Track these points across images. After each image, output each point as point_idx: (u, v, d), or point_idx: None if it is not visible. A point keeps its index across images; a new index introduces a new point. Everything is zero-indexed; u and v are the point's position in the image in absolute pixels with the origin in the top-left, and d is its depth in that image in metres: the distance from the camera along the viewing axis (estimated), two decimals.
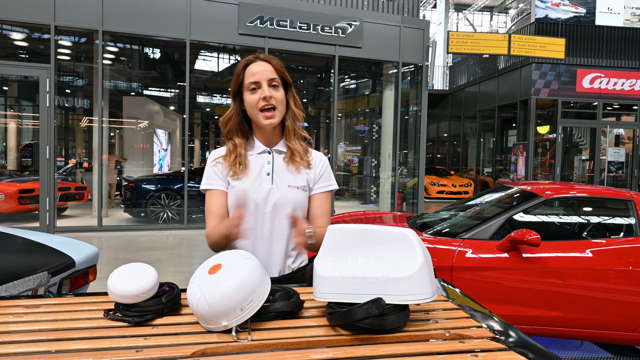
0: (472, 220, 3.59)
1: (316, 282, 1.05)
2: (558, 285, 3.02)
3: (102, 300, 1.18)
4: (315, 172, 1.53)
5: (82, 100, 11.03)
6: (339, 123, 13.34)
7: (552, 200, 3.46)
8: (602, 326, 3.03)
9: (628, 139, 13.62)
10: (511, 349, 0.90)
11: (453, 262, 3.06)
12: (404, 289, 0.96)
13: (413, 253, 0.99)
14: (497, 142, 15.25)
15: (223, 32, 8.05)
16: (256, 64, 1.44)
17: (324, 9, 8.67)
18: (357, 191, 12.80)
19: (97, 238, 6.94)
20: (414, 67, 9.73)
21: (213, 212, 1.47)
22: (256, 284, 0.99)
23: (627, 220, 3.33)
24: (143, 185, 8.44)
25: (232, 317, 0.95)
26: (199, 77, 12.16)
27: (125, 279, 1.05)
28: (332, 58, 8.84)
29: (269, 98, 1.41)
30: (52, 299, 1.19)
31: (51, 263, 2.30)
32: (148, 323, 1.02)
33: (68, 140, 14.63)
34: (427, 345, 0.91)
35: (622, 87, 12.38)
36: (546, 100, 12.49)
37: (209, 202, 1.48)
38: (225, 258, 1.04)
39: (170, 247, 6.69)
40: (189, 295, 1.00)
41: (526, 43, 10.70)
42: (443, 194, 13.97)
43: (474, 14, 27.86)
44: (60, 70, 9.51)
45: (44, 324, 1.01)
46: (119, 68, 10.53)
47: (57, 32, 7.32)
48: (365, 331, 0.95)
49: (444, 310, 1.13)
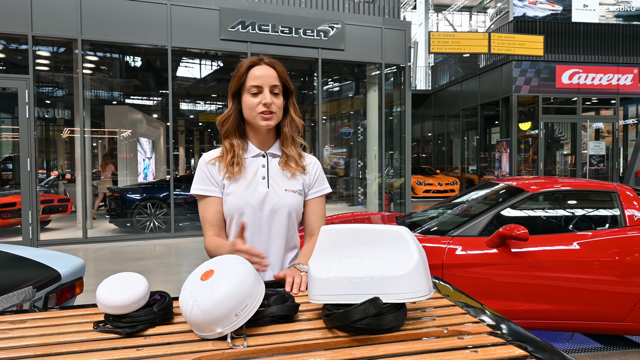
0: (460, 217, 3.61)
1: (311, 284, 1.04)
2: (547, 278, 3.05)
3: (91, 312, 1.15)
4: (310, 176, 1.53)
5: (63, 110, 10.85)
6: (324, 126, 13.34)
7: (538, 195, 3.50)
8: (591, 317, 3.07)
9: (607, 133, 13.91)
10: (510, 342, 0.90)
11: (443, 259, 3.07)
12: (401, 288, 0.95)
13: (408, 251, 0.98)
14: (480, 140, 15.44)
15: (205, 38, 8.00)
16: (260, 67, 1.42)
17: (305, 13, 8.68)
18: (344, 193, 12.82)
19: (82, 250, 6.81)
20: (396, 68, 9.80)
21: (209, 221, 1.44)
22: (250, 288, 0.97)
23: (611, 212, 3.38)
24: (128, 194, 8.32)
25: (227, 323, 0.93)
26: (181, 84, 12.06)
27: (115, 289, 1.02)
28: (315, 61, 8.85)
29: (270, 105, 1.39)
30: (38, 314, 1.15)
31: (35, 277, 2.25)
32: (140, 334, 0.99)
33: (49, 151, 14.36)
34: (426, 343, 0.90)
35: (600, 82, 12.64)
36: (527, 97, 12.69)
37: (203, 210, 1.45)
38: (217, 263, 1.02)
39: (158, 256, 6.60)
40: (182, 303, 0.97)
41: (506, 41, 10.87)
42: (430, 193, 14.07)
43: (454, 14, 28.22)
44: (40, 81, 9.35)
45: (30, 339, 0.97)
46: (99, 77, 10.38)
47: (35, 42, 7.19)
48: (363, 332, 0.94)
49: (440, 307, 1.12)
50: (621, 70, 12.77)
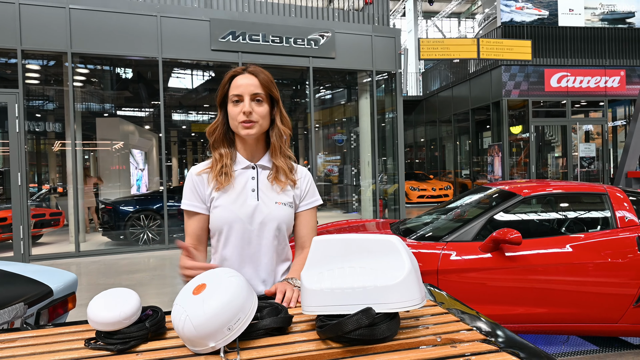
0: (454, 222, 3.62)
1: (304, 296, 1.04)
2: (541, 281, 3.06)
3: (82, 329, 1.14)
4: (301, 189, 1.51)
5: (54, 123, 10.79)
6: (317, 134, 13.39)
7: (530, 198, 3.52)
8: (586, 319, 3.08)
9: (597, 135, 14.06)
10: (502, 349, 0.90)
11: (438, 265, 3.07)
12: (393, 297, 0.95)
13: (400, 260, 0.98)
14: (472, 145, 15.55)
15: (195, 49, 8.02)
16: (242, 77, 1.41)
17: (295, 22, 8.73)
18: (338, 200, 12.83)
19: (75, 264, 6.74)
20: (387, 75, 9.86)
21: (188, 234, 1.47)
22: (243, 301, 0.97)
23: (602, 214, 3.41)
24: (121, 207, 8.27)
25: (220, 337, 0.93)
26: (173, 95, 12.05)
27: (106, 305, 1.01)
28: (307, 70, 8.89)
29: (249, 114, 1.38)
30: (29, 332, 1.14)
31: (27, 293, 2.22)
32: (132, 350, 0.99)
33: (41, 165, 14.26)
34: (419, 352, 0.90)
35: (588, 84, 12.81)
36: (517, 101, 12.82)
37: (186, 223, 1.48)
38: (209, 277, 1.01)
39: (152, 268, 6.55)
40: (174, 318, 0.97)
41: (494, 46, 10.99)
42: (424, 199, 14.10)
43: (442, 20, 28.51)
44: (30, 95, 9.30)
45: (21, 358, 0.96)
46: (90, 90, 10.35)
47: (24, 56, 7.17)
48: (357, 342, 0.94)
49: (434, 315, 1.12)
50: (608, 72, 12.95)
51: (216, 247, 1.46)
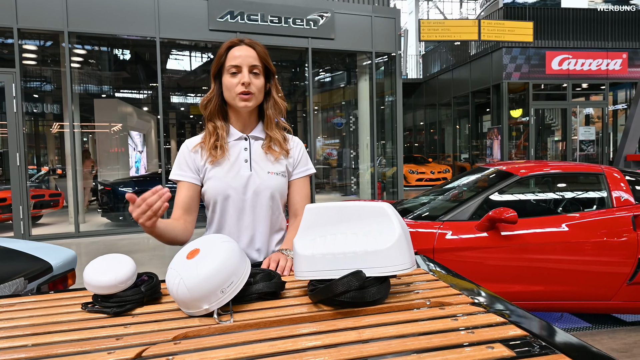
0: (450, 202, 3.64)
1: (296, 262, 1.05)
2: (537, 260, 3.10)
3: (79, 295, 1.16)
4: (294, 157, 1.53)
5: (52, 105, 10.73)
6: (316, 117, 13.32)
7: (527, 178, 3.53)
8: (580, 297, 3.12)
9: (597, 118, 14.01)
10: (490, 311, 0.92)
11: (434, 244, 3.10)
12: (384, 261, 0.96)
13: (390, 225, 1.00)
14: (472, 128, 15.49)
15: (193, 29, 7.93)
16: (240, 48, 1.41)
17: (294, 2, 8.62)
18: (337, 183, 12.84)
19: (75, 244, 6.78)
20: (387, 57, 9.78)
21: (176, 203, 1.45)
22: (235, 265, 0.99)
23: (599, 194, 3.43)
24: (120, 188, 8.28)
25: (213, 300, 0.95)
26: (171, 76, 11.95)
27: (102, 269, 1.03)
28: (306, 51, 8.80)
29: (248, 85, 1.38)
30: (27, 297, 1.16)
31: (27, 269, 2.24)
32: (128, 313, 1.01)
33: (39, 147, 14.23)
34: (408, 313, 0.92)
35: (590, 67, 12.71)
36: (518, 84, 12.74)
37: (177, 192, 1.46)
38: (203, 242, 1.03)
39: (151, 249, 6.59)
40: (168, 281, 0.99)
41: (495, 28, 10.88)
42: (422, 182, 14.13)
43: (444, 2, 28.13)
44: (27, 75, 9.23)
45: (19, 320, 0.98)
46: (88, 70, 10.26)
47: (21, 35, 7.09)
48: (347, 305, 0.96)
49: (424, 282, 1.14)
50: (610, 55, 12.84)
51: (211, 219, 1.48)
